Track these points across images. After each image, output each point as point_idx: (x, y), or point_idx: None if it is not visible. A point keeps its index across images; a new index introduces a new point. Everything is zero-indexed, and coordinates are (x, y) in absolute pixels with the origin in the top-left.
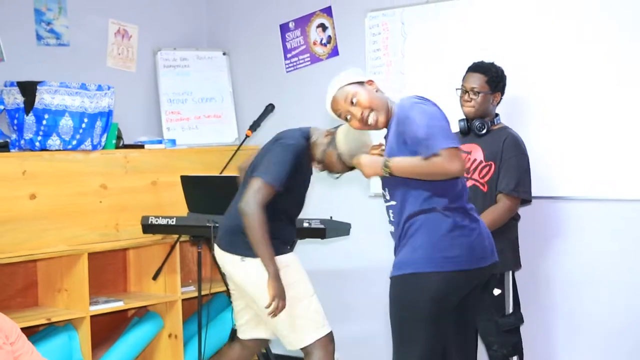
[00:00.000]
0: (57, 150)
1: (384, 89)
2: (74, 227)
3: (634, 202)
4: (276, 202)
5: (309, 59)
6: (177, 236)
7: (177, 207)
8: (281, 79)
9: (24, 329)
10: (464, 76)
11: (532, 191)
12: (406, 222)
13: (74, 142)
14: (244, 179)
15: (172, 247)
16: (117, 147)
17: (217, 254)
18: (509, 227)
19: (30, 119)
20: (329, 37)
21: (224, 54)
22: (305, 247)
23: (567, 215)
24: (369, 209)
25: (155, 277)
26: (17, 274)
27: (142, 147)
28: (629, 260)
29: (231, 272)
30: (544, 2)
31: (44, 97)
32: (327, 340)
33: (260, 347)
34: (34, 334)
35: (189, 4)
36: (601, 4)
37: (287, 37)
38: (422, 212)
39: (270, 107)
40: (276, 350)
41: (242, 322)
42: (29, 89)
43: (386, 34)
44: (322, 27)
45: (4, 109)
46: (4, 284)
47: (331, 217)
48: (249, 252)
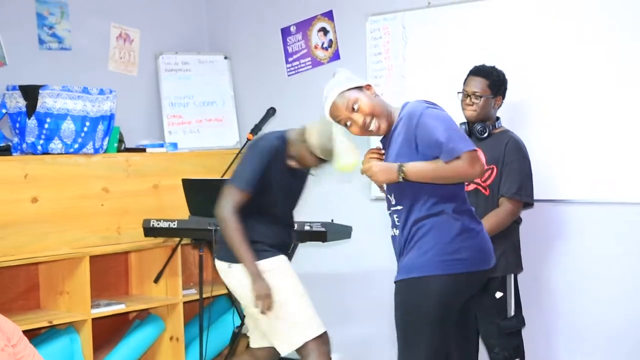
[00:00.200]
0: (59, 153)
1: (385, 93)
2: (76, 230)
3: (635, 205)
4: (255, 204)
5: (310, 62)
6: (179, 239)
7: (178, 210)
8: (282, 83)
9: (25, 332)
10: (465, 80)
11: (534, 194)
12: (413, 225)
13: (76, 146)
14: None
15: (174, 250)
16: (119, 150)
17: (215, 262)
18: (511, 230)
19: (32, 122)
20: (330, 41)
21: (226, 57)
22: (306, 250)
23: (568, 218)
24: (370, 212)
25: (156, 280)
26: (19, 277)
27: (143, 150)
28: (630, 263)
29: (224, 279)
30: (544, 5)
31: (46, 101)
32: (320, 341)
33: (270, 358)
34: (35, 336)
35: (191, 8)
36: (601, 6)
37: (288, 41)
38: (431, 216)
39: (271, 111)
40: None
41: (251, 329)
42: (31, 93)
43: (387, 38)
44: (324, 31)
45: (6, 112)
46: (6, 287)
47: (332, 220)
48: (234, 258)
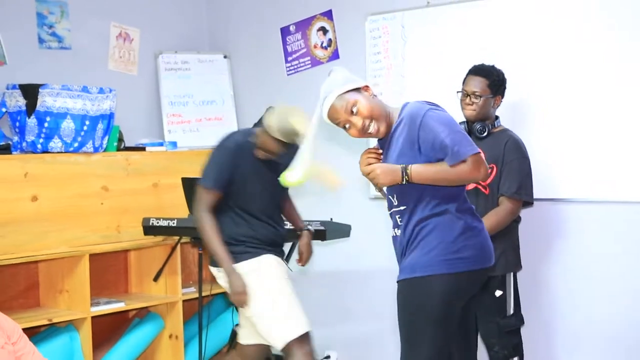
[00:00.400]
0: (58, 152)
1: (384, 92)
2: (76, 228)
3: (634, 204)
4: (233, 202)
5: (309, 62)
6: (178, 238)
7: (178, 209)
8: (282, 82)
9: (25, 330)
10: (465, 79)
11: (533, 193)
12: (416, 225)
13: (76, 145)
14: None
15: (173, 249)
16: (119, 149)
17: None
18: (511, 229)
19: (32, 121)
20: (330, 40)
21: (225, 57)
22: None
23: (568, 217)
24: (369, 211)
25: (156, 279)
26: (18, 275)
27: (143, 149)
28: (629, 261)
29: (219, 282)
30: (543, 5)
31: (46, 100)
32: (303, 341)
33: (259, 355)
34: (35, 334)
35: (190, 7)
36: (600, 5)
37: (287, 40)
38: (434, 216)
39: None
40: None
41: (241, 325)
42: (31, 92)
43: (386, 38)
44: (323, 30)
45: (6, 111)
46: (6, 285)
47: (331, 219)
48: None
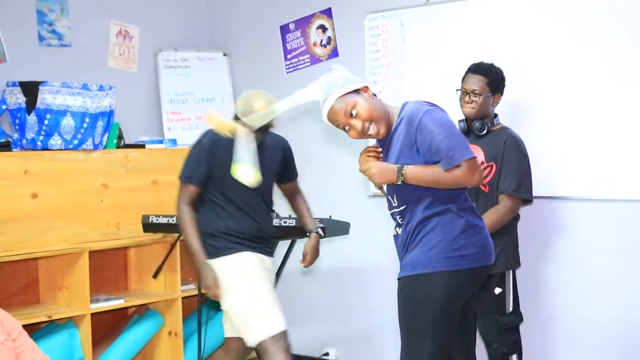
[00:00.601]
0: (58, 149)
1: (383, 90)
2: (75, 225)
3: (632, 202)
4: (215, 196)
5: (309, 60)
6: (178, 235)
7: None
8: (281, 80)
9: (25, 327)
10: (464, 77)
11: (532, 191)
12: (418, 224)
13: (76, 142)
14: None
15: (173, 246)
16: (118, 146)
17: None
18: (510, 226)
19: (32, 118)
20: (329, 38)
21: (225, 54)
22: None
23: (566, 215)
24: (368, 209)
25: (155, 276)
26: (18, 272)
27: (143, 146)
28: (627, 259)
29: None
30: (542, 3)
31: (46, 97)
32: (278, 338)
33: (243, 349)
34: (35, 331)
35: (190, 5)
36: (599, 3)
37: (287, 38)
38: (435, 214)
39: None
40: None
41: (225, 319)
42: (31, 89)
43: (385, 35)
44: (322, 28)
45: (6, 108)
46: (6, 282)
47: (330, 217)
48: (207, 255)
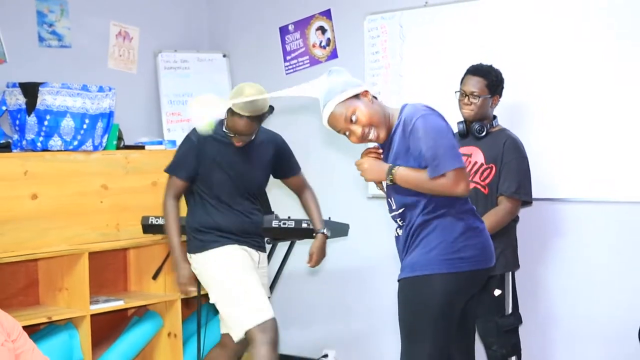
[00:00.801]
0: (58, 150)
1: (382, 92)
2: (75, 226)
3: (631, 204)
4: (200, 190)
5: (308, 61)
6: None
7: None
8: (281, 81)
9: (25, 328)
10: (463, 79)
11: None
12: (418, 227)
13: (75, 143)
14: None
15: None
16: (118, 147)
17: None
18: (509, 228)
19: (32, 119)
20: (328, 39)
21: (224, 56)
22: (304, 247)
23: (565, 216)
24: (367, 210)
25: (155, 277)
26: (18, 273)
27: (142, 147)
28: (626, 261)
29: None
30: (541, 4)
31: (46, 98)
32: (263, 329)
33: (239, 345)
34: (35, 332)
35: (190, 6)
36: (599, 4)
37: (286, 39)
38: (435, 217)
39: (269, 109)
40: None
41: (219, 315)
42: (30, 90)
43: (385, 37)
44: (322, 29)
45: (6, 109)
46: (6, 283)
47: (329, 218)
48: (192, 248)
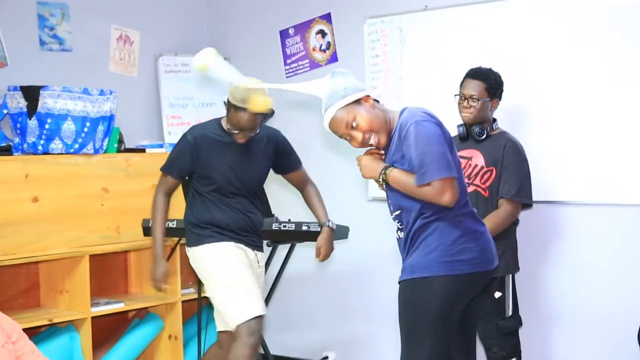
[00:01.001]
0: (59, 153)
1: (382, 95)
2: (76, 229)
3: (631, 206)
4: (199, 188)
5: (308, 64)
6: (177, 239)
7: (177, 210)
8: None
9: (26, 330)
10: (462, 82)
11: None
12: (417, 229)
13: (76, 146)
14: None
15: (172, 250)
16: (119, 150)
17: None
18: (509, 230)
19: (33, 123)
20: (328, 43)
21: (225, 59)
22: (304, 250)
23: (565, 219)
24: (367, 213)
25: None
26: (19, 276)
27: (143, 151)
28: (625, 263)
29: (190, 261)
30: (540, 7)
31: (47, 102)
32: (250, 327)
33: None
34: (35, 334)
35: (190, 10)
36: (598, 6)
37: (286, 43)
38: (434, 220)
39: (269, 112)
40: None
41: (215, 313)
42: (32, 94)
43: (385, 41)
44: (322, 33)
45: (8, 113)
46: (7, 286)
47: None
48: (190, 242)
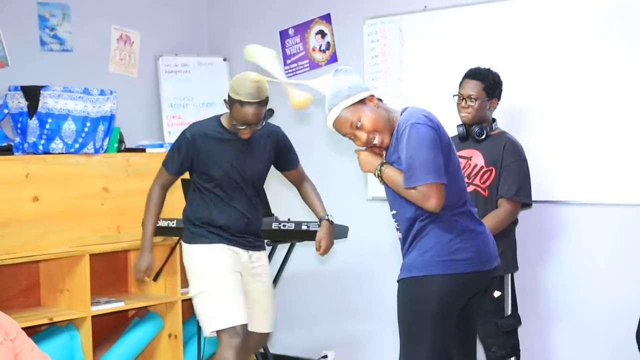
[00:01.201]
0: (59, 153)
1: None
2: (76, 229)
3: (630, 206)
4: (199, 185)
5: (308, 65)
6: (178, 238)
7: (177, 209)
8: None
9: (26, 329)
10: (461, 83)
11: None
12: (415, 229)
13: (77, 146)
14: None
15: (173, 249)
16: (119, 150)
17: None
18: (509, 230)
19: (33, 122)
20: (328, 43)
21: (225, 59)
22: (303, 249)
23: (564, 219)
24: (367, 212)
25: (155, 278)
26: (20, 275)
27: (143, 150)
28: (624, 263)
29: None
30: (540, 8)
31: (47, 102)
32: (231, 334)
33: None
34: (36, 333)
35: (190, 10)
36: (598, 7)
37: (286, 43)
38: (431, 220)
39: (269, 112)
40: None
41: None
42: (32, 94)
43: (384, 41)
44: (321, 33)
45: (8, 112)
46: (7, 285)
47: None
48: (183, 238)
